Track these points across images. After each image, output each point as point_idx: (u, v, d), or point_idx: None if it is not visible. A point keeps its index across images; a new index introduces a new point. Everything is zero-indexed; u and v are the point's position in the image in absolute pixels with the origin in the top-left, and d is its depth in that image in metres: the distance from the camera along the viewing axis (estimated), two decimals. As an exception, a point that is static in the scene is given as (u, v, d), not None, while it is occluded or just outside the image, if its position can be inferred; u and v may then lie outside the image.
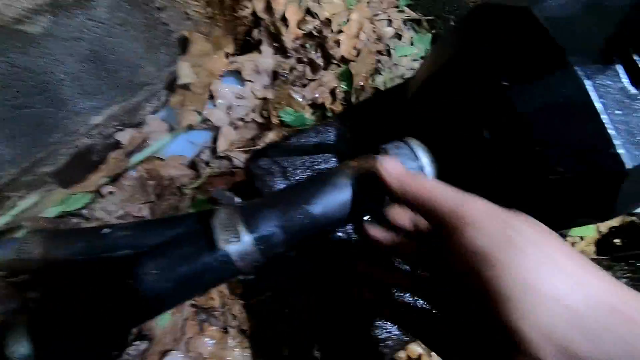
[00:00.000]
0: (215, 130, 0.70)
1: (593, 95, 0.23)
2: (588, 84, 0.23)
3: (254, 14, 0.65)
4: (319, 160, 0.45)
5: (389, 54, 0.87)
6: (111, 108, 0.61)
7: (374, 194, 0.27)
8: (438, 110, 0.31)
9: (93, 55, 0.52)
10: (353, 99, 0.81)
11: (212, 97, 0.68)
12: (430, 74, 0.31)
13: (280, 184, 0.43)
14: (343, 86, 0.82)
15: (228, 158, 0.72)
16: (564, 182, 0.25)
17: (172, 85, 0.66)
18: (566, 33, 0.23)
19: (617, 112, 0.23)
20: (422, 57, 0.88)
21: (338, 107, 0.79)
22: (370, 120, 0.49)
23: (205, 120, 0.69)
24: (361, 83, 0.83)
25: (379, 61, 0.86)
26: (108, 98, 0.60)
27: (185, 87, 0.64)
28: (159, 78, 0.64)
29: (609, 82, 0.23)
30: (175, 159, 0.69)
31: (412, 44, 0.87)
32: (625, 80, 0.23)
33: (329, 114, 0.79)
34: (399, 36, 0.88)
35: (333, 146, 0.46)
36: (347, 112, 0.53)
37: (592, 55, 0.23)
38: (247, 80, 0.68)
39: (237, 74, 0.69)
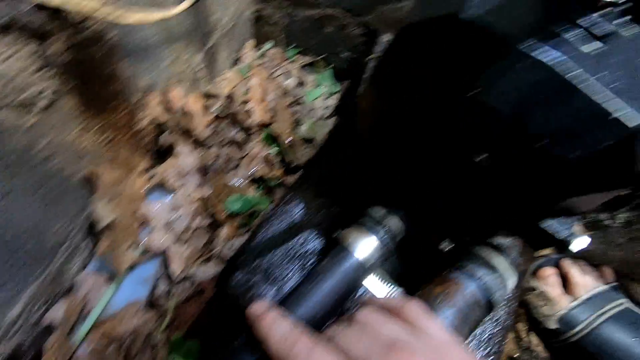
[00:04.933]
0: (163, 255, 0.61)
1: (565, 68, 0.21)
2: (551, 61, 0.21)
3: (153, 120, 0.60)
4: (297, 244, 0.40)
5: (300, 102, 0.87)
6: (28, 289, 0.50)
7: None
8: (408, 140, 0.28)
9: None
10: (287, 158, 0.78)
11: (143, 222, 0.59)
12: (383, 108, 0.28)
13: (270, 291, 0.37)
14: (273, 150, 0.79)
15: (189, 277, 0.63)
16: (579, 166, 0.23)
17: (92, 231, 0.56)
18: (502, 24, 0.22)
19: (597, 75, 0.21)
20: (332, 93, 0.88)
21: (279, 172, 0.75)
22: (328, 177, 0.45)
23: (146, 251, 0.59)
24: (289, 139, 0.80)
25: (295, 112, 0.85)
26: (20, 280, 0.48)
27: (110, 226, 0.55)
28: (73, 230, 0.54)
29: (570, 51, 0.22)
30: (130, 308, 0.58)
31: (317, 85, 0.88)
32: (579, 43, 0.22)
33: (272, 183, 0.74)
34: (302, 83, 0.88)
35: (305, 221, 0.41)
36: (298, 179, 0.48)
37: (538, 36, 0.22)
38: (176, 188, 0.61)
39: (161, 187, 0.62)
